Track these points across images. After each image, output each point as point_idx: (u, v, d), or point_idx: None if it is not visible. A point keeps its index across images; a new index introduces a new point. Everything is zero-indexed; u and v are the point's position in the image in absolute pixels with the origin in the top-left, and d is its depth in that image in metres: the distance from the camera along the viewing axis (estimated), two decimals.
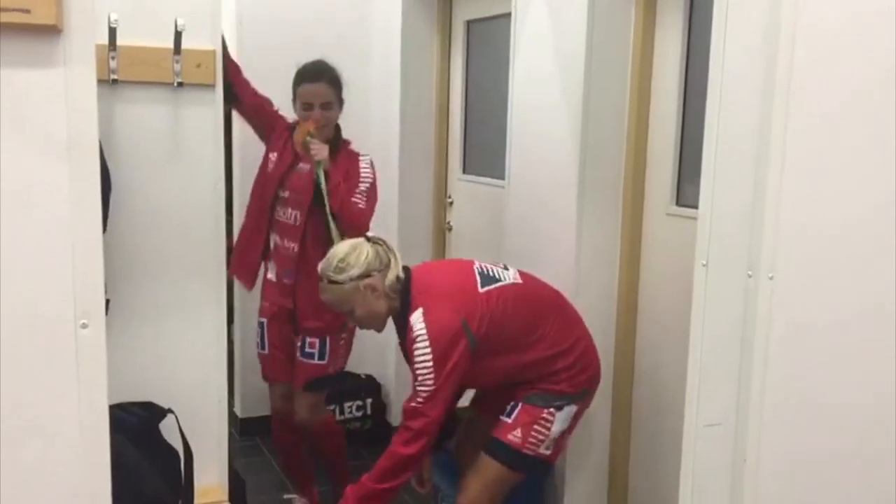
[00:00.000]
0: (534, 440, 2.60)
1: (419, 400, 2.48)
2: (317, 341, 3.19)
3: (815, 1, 1.47)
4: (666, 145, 2.81)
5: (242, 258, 3.29)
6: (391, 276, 2.61)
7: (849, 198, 1.45)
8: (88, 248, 1.35)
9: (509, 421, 2.61)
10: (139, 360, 2.34)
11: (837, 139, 1.45)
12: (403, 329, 2.59)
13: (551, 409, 2.60)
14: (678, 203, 2.80)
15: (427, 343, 2.47)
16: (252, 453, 4.16)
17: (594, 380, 2.71)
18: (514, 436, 2.60)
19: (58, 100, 1.34)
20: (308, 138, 3.05)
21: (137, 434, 2.22)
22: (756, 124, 1.51)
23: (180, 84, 2.28)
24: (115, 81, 2.22)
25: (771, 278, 1.50)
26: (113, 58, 2.21)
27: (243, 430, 4.33)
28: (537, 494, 3.02)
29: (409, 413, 2.51)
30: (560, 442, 2.67)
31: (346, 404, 4.24)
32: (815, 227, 1.50)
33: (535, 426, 2.59)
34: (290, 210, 3.14)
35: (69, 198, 1.35)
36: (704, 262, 1.57)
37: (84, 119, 1.30)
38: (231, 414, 4.34)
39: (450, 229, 4.23)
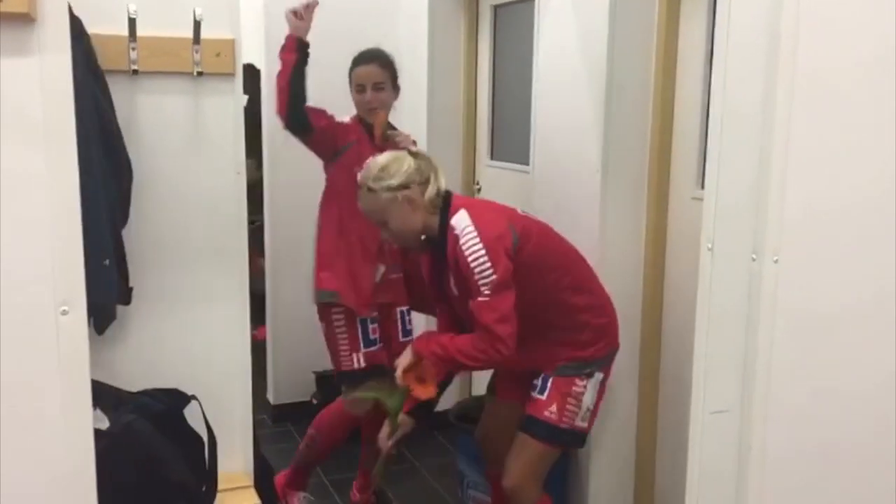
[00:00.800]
0: (569, 413, 2.59)
1: (486, 292, 2.39)
2: (411, 318, 3.28)
3: None
4: (691, 128, 2.77)
5: (356, 282, 3.14)
6: (431, 190, 2.56)
7: (855, 178, 1.41)
8: (67, 234, 1.35)
9: (543, 398, 2.60)
10: (163, 348, 2.36)
11: (843, 119, 1.41)
12: (442, 244, 2.51)
13: (582, 378, 2.59)
14: (703, 186, 2.74)
15: (475, 234, 2.41)
16: (284, 439, 4.20)
17: (617, 337, 2.70)
18: (551, 412, 2.58)
19: (33, 88, 1.34)
20: (388, 132, 3.04)
21: (162, 420, 2.25)
22: (761, 104, 1.47)
23: (200, 73, 2.29)
24: (135, 72, 2.23)
25: (776, 262, 1.46)
26: (133, 49, 2.22)
27: (276, 417, 4.39)
28: (563, 471, 3.02)
29: (479, 309, 2.41)
30: (594, 412, 2.66)
31: None
32: (820, 208, 1.46)
33: (569, 398, 2.59)
34: None
35: (47, 185, 1.36)
36: (710, 246, 1.54)
37: (60, 106, 1.31)
38: (264, 401, 4.43)
39: None
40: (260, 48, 4.24)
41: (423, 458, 3.92)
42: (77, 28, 2.12)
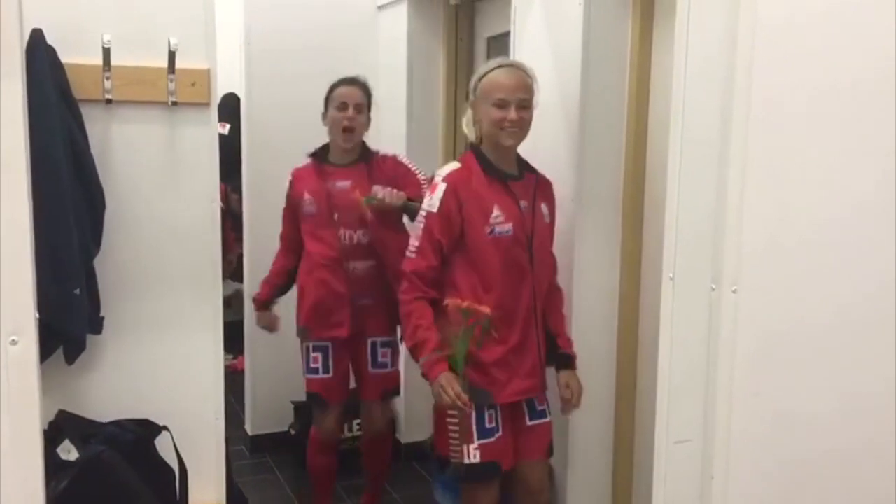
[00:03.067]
0: None
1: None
2: (388, 351, 3.31)
3: (774, 2, 1.45)
4: (665, 157, 2.78)
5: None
6: None
7: (811, 207, 1.42)
8: (17, 264, 1.34)
9: (550, 418, 2.71)
10: (135, 378, 2.33)
11: (798, 148, 1.43)
12: (527, 174, 2.71)
13: None
14: None
15: None
16: (261, 470, 4.17)
17: None
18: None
19: None
20: (370, 199, 3.08)
21: (133, 451, 2.22)
22: (718, 136, 1.49)
23: (175, 103, 2.30)
24: (109, 101, 2.24)
25: (734, 291, 1.48)
26: (107, 78, 2.23)
27: (253, 448, 4.35)
28: None
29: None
30: None
31: (356, 422, 4.22)
32: (778, 238, 1.46)
33: None
34: (343, 230, 3.21)
35: None
36: (671, 276, 1.55)
37: (10, 137, 1.29)
38: (242, 431, 4.39)
39: None
40: (241, 77, 4.26)
41: (399, 488, 3.89)
42: (51, 58, 2.13)
